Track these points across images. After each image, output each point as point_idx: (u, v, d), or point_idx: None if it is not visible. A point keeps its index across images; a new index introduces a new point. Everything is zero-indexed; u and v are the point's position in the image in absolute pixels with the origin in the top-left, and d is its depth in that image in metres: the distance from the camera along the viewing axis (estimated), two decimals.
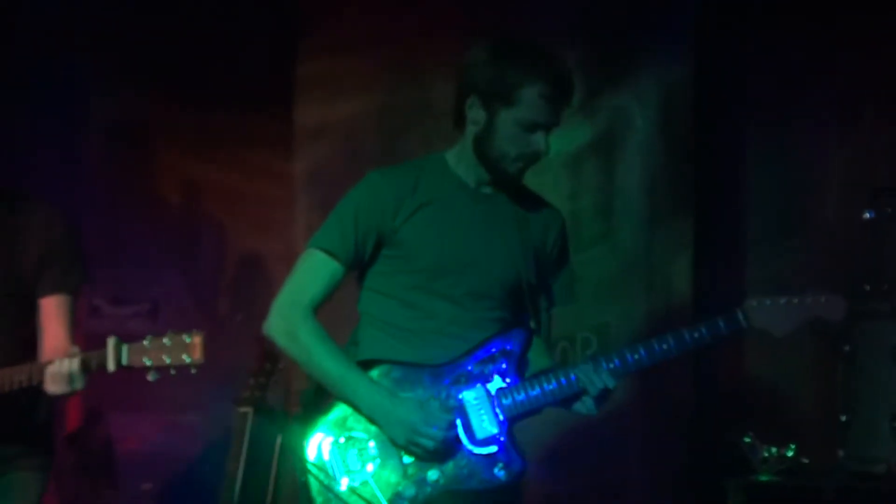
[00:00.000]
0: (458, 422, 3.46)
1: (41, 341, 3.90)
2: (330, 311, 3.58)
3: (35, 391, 3.90)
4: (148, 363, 3.65)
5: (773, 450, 4.92)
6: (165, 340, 3.67)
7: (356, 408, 3.48)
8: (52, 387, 3.69)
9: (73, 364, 3.67)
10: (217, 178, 5.96)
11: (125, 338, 5.74)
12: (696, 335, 3.50)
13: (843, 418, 4.83)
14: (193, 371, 3.68)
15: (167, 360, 3.65)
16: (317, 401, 3.54)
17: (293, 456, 3.55)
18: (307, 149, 5.81)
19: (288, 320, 3.53)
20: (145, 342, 3.66)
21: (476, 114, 3.51)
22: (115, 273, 4.22)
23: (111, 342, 3.66)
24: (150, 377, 3.67)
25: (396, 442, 3.44)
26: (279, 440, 4.98)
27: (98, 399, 5.77)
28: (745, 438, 4.96)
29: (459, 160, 3.61)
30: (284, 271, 3.64)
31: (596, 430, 5.15)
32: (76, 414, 5.73)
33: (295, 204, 5.80)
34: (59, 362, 3.69)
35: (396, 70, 5.72)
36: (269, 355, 4.90)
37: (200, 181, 5.99)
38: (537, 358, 3.62)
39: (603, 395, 3.49)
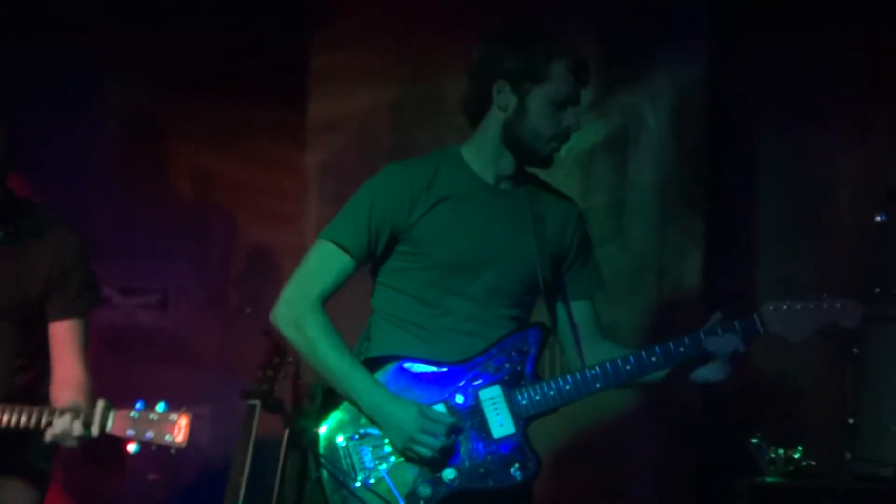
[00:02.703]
0: (472, 423, 3.42)
1: (52, 368, 3.84)
2: (336, 301, 3.54)
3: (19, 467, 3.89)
4: (131, 434, 3.60)
5: (781, 451, 4.90)
6: (152, 415, 3.63)
7: (356, 405, 3.44)
8: (50, 438, 3.63)
9: (77, 426, 3.60)
10: (229, 169, 5.95)
11: (136, 329, 5.72)
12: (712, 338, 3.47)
13: (851, 420, 4.80)
14: (173, 452, 3.62)
15: (149, 436, 3.60)
16: (331, 396, 3.49)
17: (307, 451, 3.48)
18: (320, 141, 5.79)
19: (295, 311, 3.49)
20: (133, 413, 3.62)
21: (505, 98, 3.50)
22: (126, 263, 4.20)
23: (100, 405, 3.61)
24: (131, 449, 3.63)
25: (394, 445, 3.41)
26: (286, 434, 4.94)
27: (106, 389, 5.72)
28: (752, 440, 4.92)
29: (477, 155, 3.58)
30: (295, 264, 3.62)
31: (604, 429, 5.14)
32: None
33: (307, 196, 5.80)
34: (66, 420, 3.60)
35: (410, 64, 5.71)
36: (278, 348, 4.86)
37: (212, 172, 5.96)
38: (599, 351, 3.62)
39: (731, 356, 3.48)
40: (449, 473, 3.38)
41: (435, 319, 3.50)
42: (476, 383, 3.44)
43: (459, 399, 3.43)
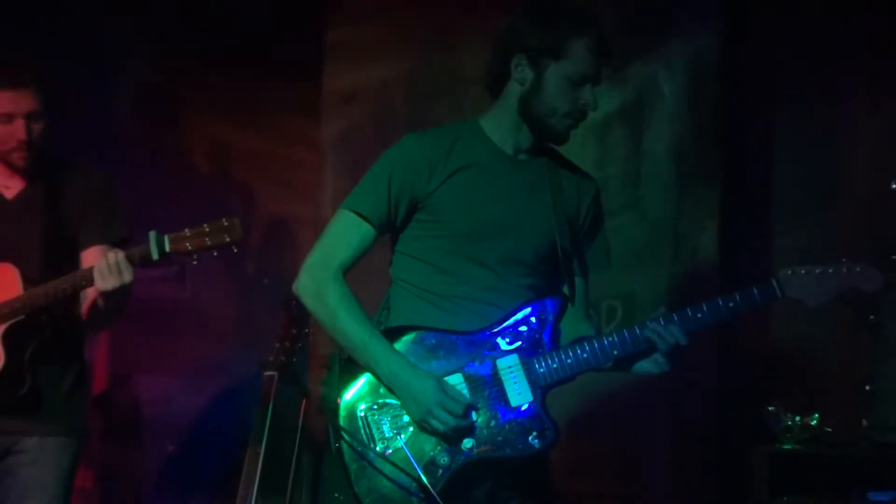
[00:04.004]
0: (490, 392, 3.42)
1: (83, 291, 3.96)
2: (357, 271, 3.55)
3: (66, 361, 4.05)
4: (189, 248, 3.78)
5: (797, 419, 4.88)
6: (205, 227, 3.79)
7: (375, 375, 3.44)
8: (103, 283, 3.76)
9: (120, 255, 3.77)
10: (246, 142, 5.97)
11: (155, 302, 5.77)
12: (730, 304, 3.46)
13: (868, 388, 4.77)
14: (235, 250, 3.80)
15: (208, 242, 3.78)
16: (349, 366, 3.49)
17: (327, 422, 3.48)
18: (336, 114, 5.79)
19: (317, 281, 3.49)
20: (186, 231, 3.78)
21: (523, 73, 3.49)
22: (145, 236, 4.22)
23: (152, 235, 3.78)
24: (194, 261, 3.82)
25: (410, 415, 3.41)
26: (304, 405, 4.94)
27: (125, 362, 5.76)
28: (769, 407, 4.91)
29: (496, 127, 3.58)
30: (312, 236, 3.62)
31: (620, 398, 5.13)
32: (103, 377, 5.71)
33: (323, 169, 5.79)
34: (104, 257, 3.78)
35: (426, 37, 5.71)
36: (296, 320, 4.84)
37: (229, 145, 5.99)
38: (574, 325, 3.57)
39: (673, 352, 3.45)
40: (467, 442, 3.37)
41: (453, 288, 3.49)
42: (494, 352, 3.44)
43: (477, 368, 3.42)
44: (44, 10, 5.54)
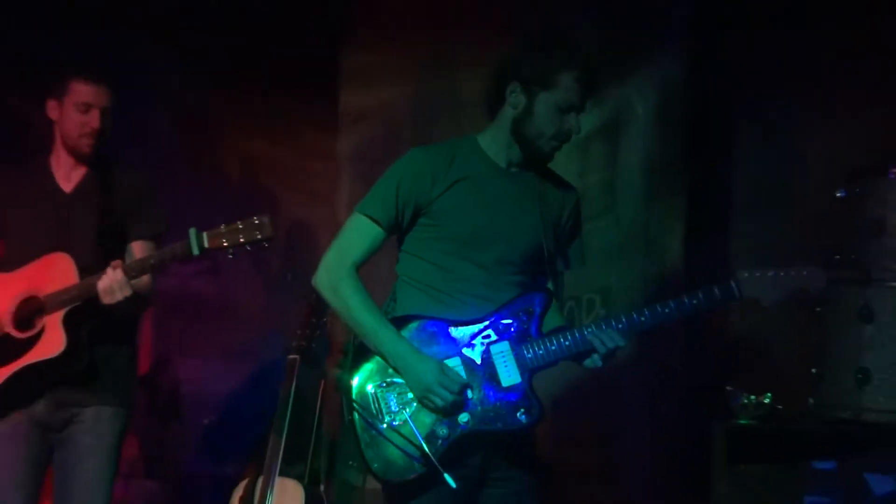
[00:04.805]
0: (483, 373, 3.49)
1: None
2: (367, 268, 3.62)
3: (119, 340, 4.17)
4: (225, 244, 3.82)
5: (752, 397, 4.90)
6: (238, 224, 3.83)
7: (383, 357, 3.53)
8: (107, 298, 3.89)
9: (118, 274, 3.87)
10: (271, 155, 6.01)
11: (192, 294, 5.81)
12: (694, 301, 3.53)
13: (815, 371, 4.80)
14: (266, 245, 3.83)
15: (241, 239, 3.81)
16: (362, 350, 3.59)
17: (342, 397, 3.56)
18: (350, 131, 5.84)
19: (333, 275, 3.57)
20: (222, 227, 3.84)
21: (517, 98, 3.58)
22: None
23: (192, 232, 3.84)
24: (230, 255, 3.85)
25: (413, 393, 3.49)
26: (322, 384, 5.00)
27: (167, 347, 5.82)
28: (727, 387, 4.94)
29: (491, 143, 3.67)
30: (329, 236, 3.69)
31: (599, 382, 5.16)
32: (147, 360, 5.77)
33: (339, 178, 5.84)
34: (104, 277, 3.87)
35: (429, 63, 5.73)
36: (316, 309, 4.92)
37: (257, 158, 6.03)
38: (550, 316, 3.64)
39: (611, 353, 3.53)
40: (463, 417, 3.46)
41: (451, 284, 3.58)
42: (487, 339, 3.53)
43: (473, 353, 3.52)
44: (79, 31, 5.59)
